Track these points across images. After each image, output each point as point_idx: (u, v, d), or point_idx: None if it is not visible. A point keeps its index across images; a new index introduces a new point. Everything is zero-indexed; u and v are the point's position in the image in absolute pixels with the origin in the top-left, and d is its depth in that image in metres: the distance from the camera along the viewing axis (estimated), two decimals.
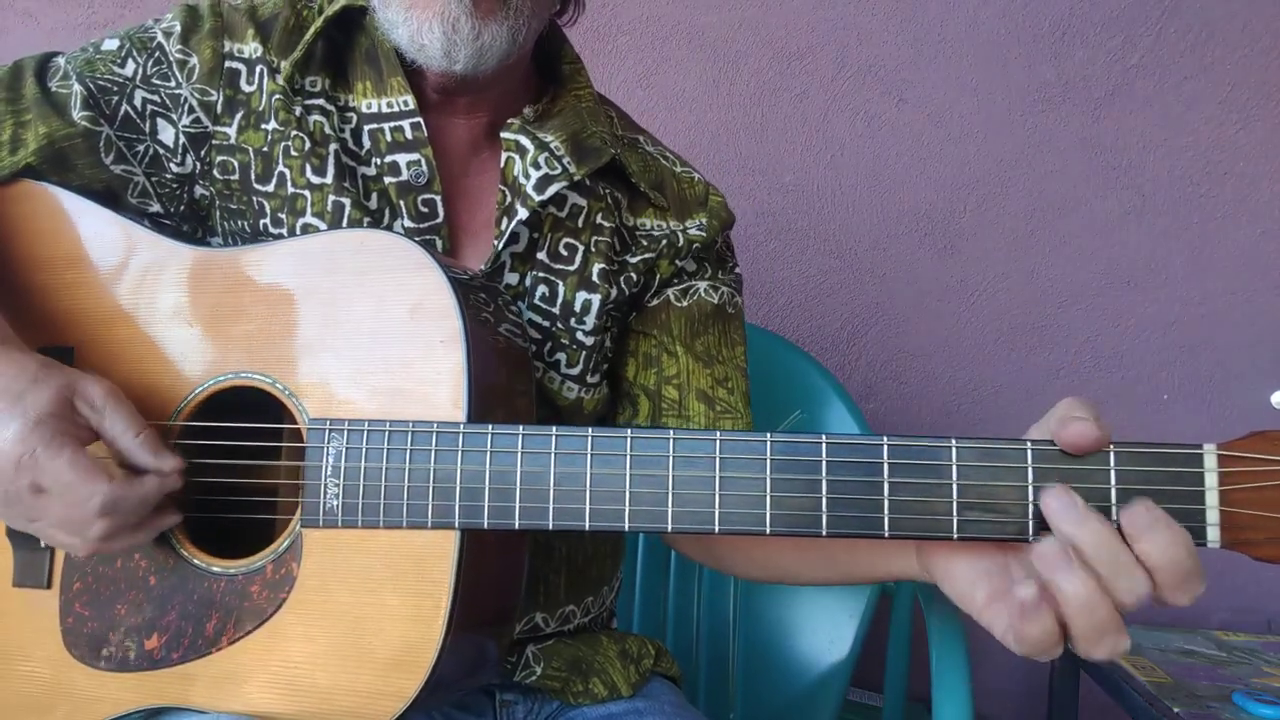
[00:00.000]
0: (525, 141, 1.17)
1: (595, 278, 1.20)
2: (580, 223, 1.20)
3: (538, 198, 1.14)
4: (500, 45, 1.08)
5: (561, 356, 1.20)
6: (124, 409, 0.98)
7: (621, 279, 1.23)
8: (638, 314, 1.27)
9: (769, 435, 0.87)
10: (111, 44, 1.17)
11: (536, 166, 1.15)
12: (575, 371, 1.21)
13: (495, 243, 1.15)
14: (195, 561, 1.04)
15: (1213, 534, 0.81)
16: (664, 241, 1.25)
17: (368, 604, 0.96)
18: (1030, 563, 0.82)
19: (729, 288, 1.31)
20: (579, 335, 1.20)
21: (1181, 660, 1.90)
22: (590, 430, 0.91)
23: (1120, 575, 0.78)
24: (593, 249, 1.20)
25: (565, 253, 1.19)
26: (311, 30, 1.15)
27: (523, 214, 1.14)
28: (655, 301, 1.27)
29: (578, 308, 1.19)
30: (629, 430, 0.90)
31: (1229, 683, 1.78)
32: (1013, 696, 2.39)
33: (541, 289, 1.18)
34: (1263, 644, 2.05)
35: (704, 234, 1.26)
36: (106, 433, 0.98)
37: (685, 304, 1.26)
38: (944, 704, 1.35)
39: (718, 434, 0.88)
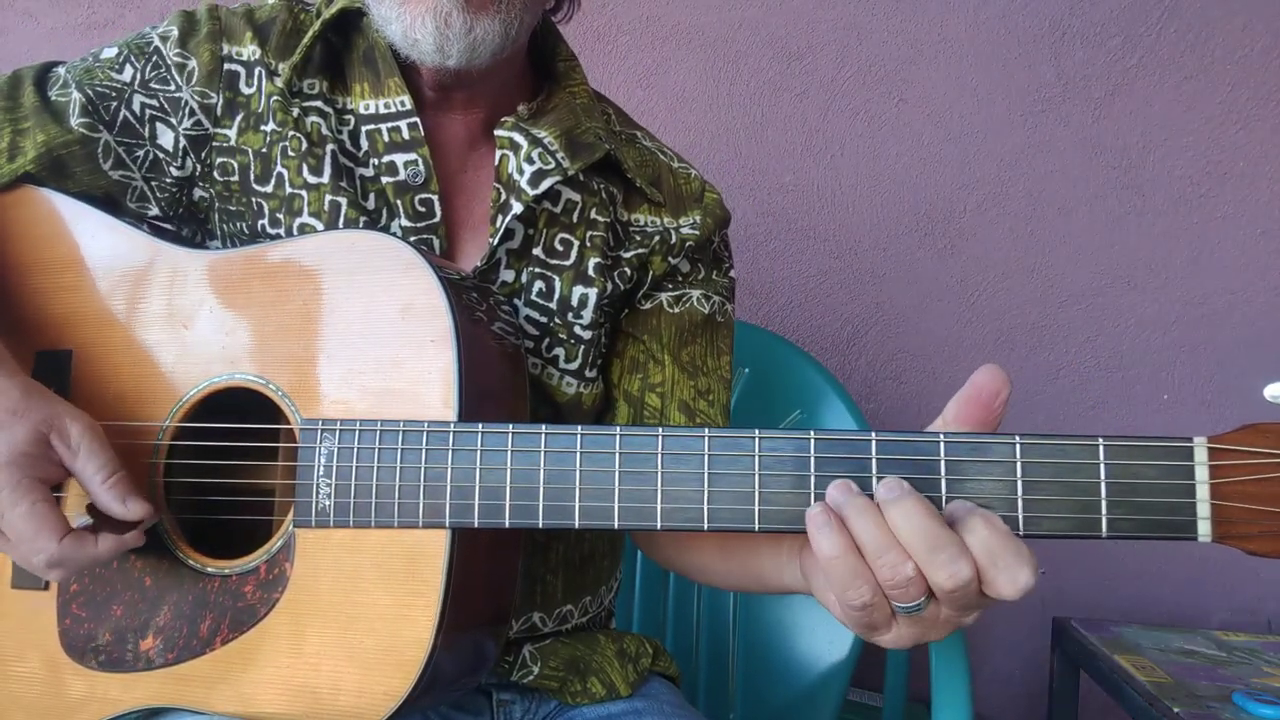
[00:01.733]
0: (519, 138, 1.17)
1: (591, 272, 1.20)
2: (575, 218, 1.20)
3: (531, 192, 1.14)
4: (493, 39, 1.08)
5: (560, 352, 1.20)
6: (98, 450, 0.98)
7: (616, 274, 1.23)
8: (630, 314, 1.27)
9: (757, 432, 0.87)
10: (110, 51, 1.18)
11: (530, 162, 1.16)
12: (574, 366, 1.21)
13: (490, 239, 1.15)
14: (190, 562, 1.04)
15: (1204, 528, 0.80)
16: (657, 238, 1.25)
17: (360, 603, 0.96)
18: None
19: (720, 295, 1.31)
20: (577, 330, 1.20)
21: (1181, 660, 1.90)
22: (580, 428, 0.91)
23: (938, 551, 0.79)
24: (588, 244, 1.21)
25: (561, 248, 1.20)
26: (310, 34, 1.16)
27: (517, 209, 1.14)
28: (648, 305, 1.26)
29: (575, 302, 1.20)
30: (618, 428, 0.90)
31: (1229, 683, 1.77)
32: (1013, 696, 2.39)
33: (538, 285, 1.19)
34: (1263, 644, 2.04)
35: (697, 232, 1.26)
36: (78, 474, 0.97)
37: (677, 311, 1.26)
38: (944, 704, 1.36)
39: (706, 431, 0.88)
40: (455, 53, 1.07)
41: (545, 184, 1.15)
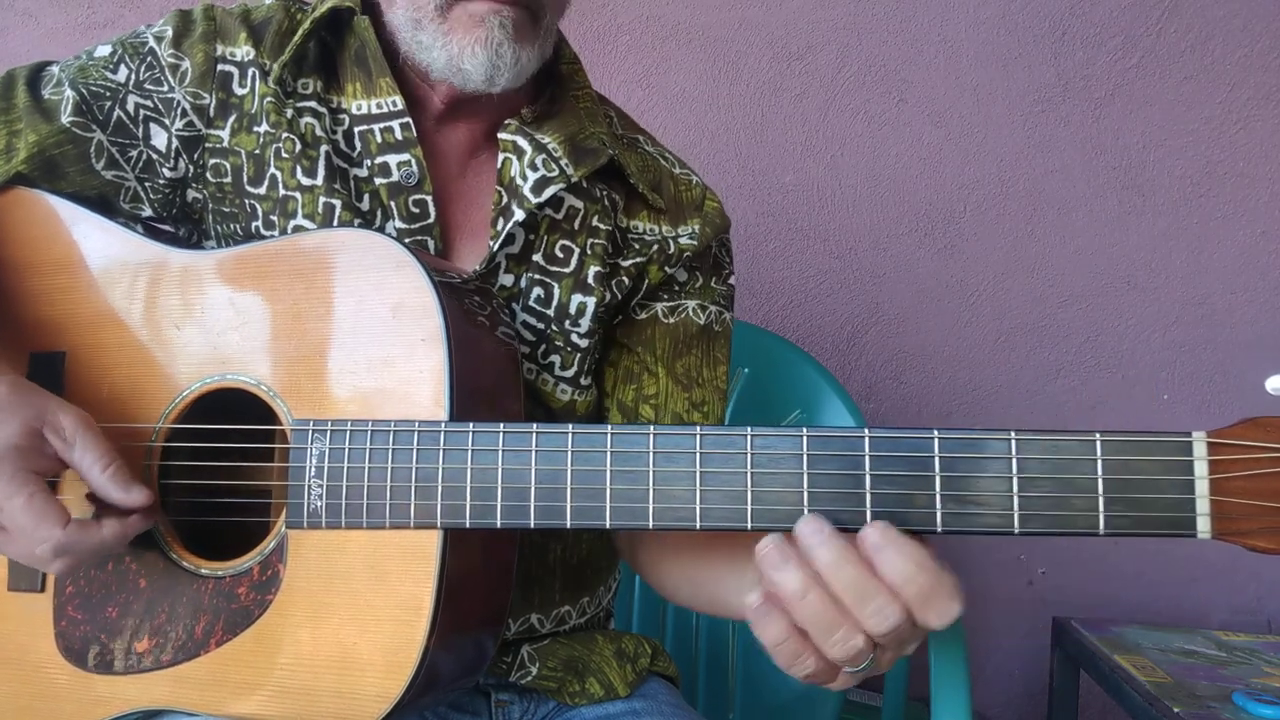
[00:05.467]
0: (522, 143, 1.17)
1: (591, 280, 1.20)
2: (577, 225, 1.20)
3: (535, 200, 1.14)
4: (533, 65, 1.10)
5: (556, 359, 1.20)
6: (94, 441, 0.97)
7: (613, 282, 1.22)
8: (624, 323, 1.26)
9: (749, 429, 0.86)
10: (104, 50, 1.17)
11: (534, 168, 1.15)
12: (569, 374, 1.20)
13: (491, 244, 1.15)
14: (184, 564, 1.04)
15: (1203, 524, 0.79)
16: (655, 247, 1.24)
17: (353, 605, 0.96)
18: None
19: (718, 304, 1.29)
20: (574, 338, 1.20)
21: (1181, 660, 1.89)
22: (570, 427, 0.91)
23: (866, 601, 0.79)
24: (589, 252, 1.20)
25: (561, 255, 1.19)
26: (300, 31, 1.15)
27: (519, 215, 1.14)
28: (643, 315, 1.26)
29: (573, 310, 1.19)
30: (609, 427, 0.90)
31: (1229, 683, 1.77)
32: (1012, 696, 2.38)
33: (537, 291, 1.18)
34: (1263, 644, 2.03)
35: (695, 243, 1.25)
36: (76, 465, 0.97)
37: (672, 322, 1.25)
38: (943, 704, 1.35)
39: (698, 429, 0.87)
40: (503, 82, 1.08)
41: (548, 191, 1.14)
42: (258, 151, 1.15)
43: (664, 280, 1.25)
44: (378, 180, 1.15)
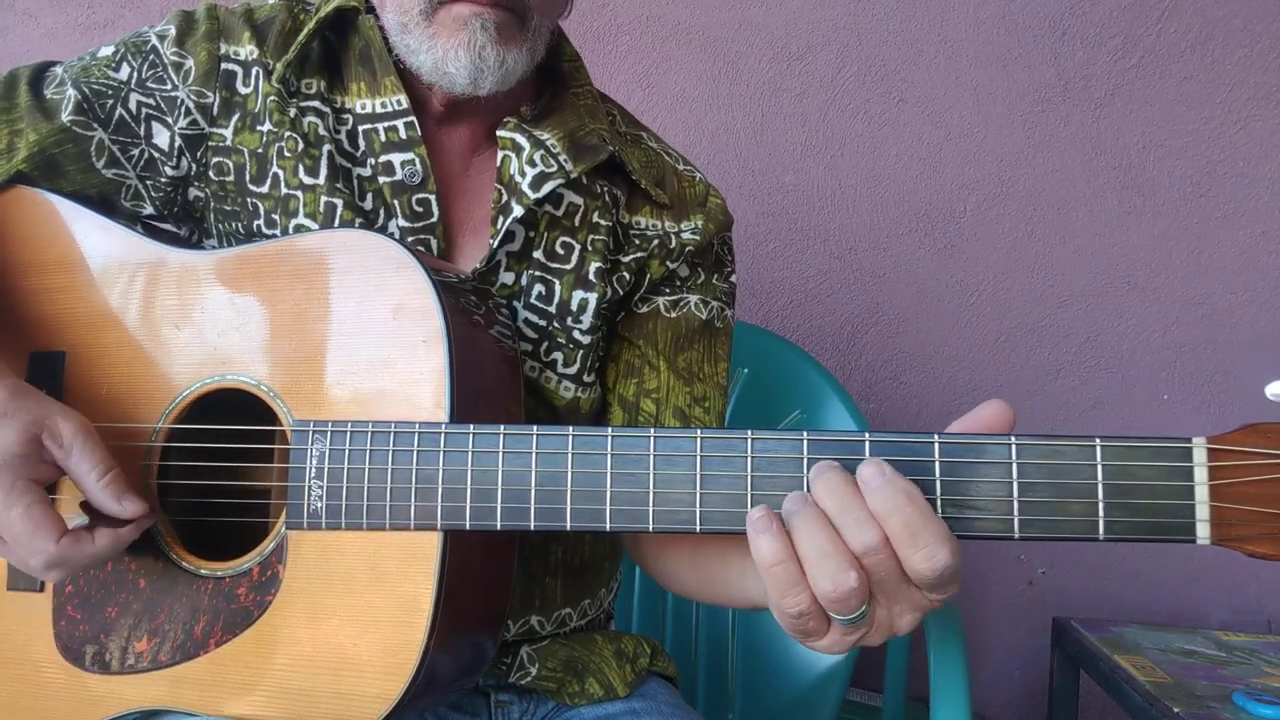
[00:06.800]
0: (521, 140, 1.17)
1: (592, 276, 1.20)
2: (577, 221, 1.20)
3: (533, 195, 1.14)
4: (521, 67, 1.10)
5: (559, 356, 1.20)
6: (92, 449, 0.97)
7: (614, 278, 1.22)
8: (626, 317, 1.26)
9: (750, 433, 0.86)
10: (107, 50, 1.17)
11: (532, 164, 1.15)
12: (572, 371, 1.20)
13: (491, 241, 1.15)
14: (184, 564, 1.04)
15: (1202, 530, 0.79)
16: (656, 241, 1.24)
17: (353, 606, 0.96)
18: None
19: (720, 301, 1.29)
20: (576, 334, 1.20)
21: (1181, 660, 1.89)
22: (571, 429, 0.91)
23: (846, 514, 0.80)
24: (589, 248, 1.20)
25: (562, 252, 1.19)
26: (305, 31, 1.15)
27: (518, 212, 1.14)
28: (644, 309, 1.26)
29: (574, 307, 1.19)
30: (610, 429, 0.90)
31: (1229, 683, 1.77)
32: (1012, 696, 2.38)
33: (538, 288, 1.18)
34: (1263, 644, 2.03)
35: (698, 238, 1.25)
36: (72, 472, 0.97)
37: (674, 316, 1.25)
38: (942, 704, 1.35)
39: (699, 432, 0.87)
40: (488, 85, 1.08)
41: (547, 187, 1.14)
42: (260, 150, 1.15)
43: (666, 275, 1.25)
44: (381, 179, 1.15)
